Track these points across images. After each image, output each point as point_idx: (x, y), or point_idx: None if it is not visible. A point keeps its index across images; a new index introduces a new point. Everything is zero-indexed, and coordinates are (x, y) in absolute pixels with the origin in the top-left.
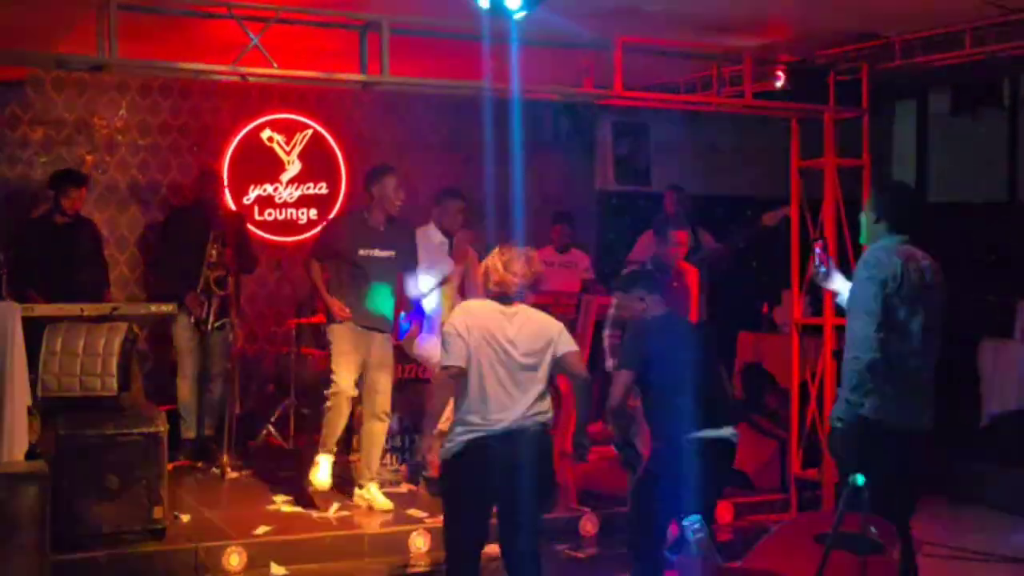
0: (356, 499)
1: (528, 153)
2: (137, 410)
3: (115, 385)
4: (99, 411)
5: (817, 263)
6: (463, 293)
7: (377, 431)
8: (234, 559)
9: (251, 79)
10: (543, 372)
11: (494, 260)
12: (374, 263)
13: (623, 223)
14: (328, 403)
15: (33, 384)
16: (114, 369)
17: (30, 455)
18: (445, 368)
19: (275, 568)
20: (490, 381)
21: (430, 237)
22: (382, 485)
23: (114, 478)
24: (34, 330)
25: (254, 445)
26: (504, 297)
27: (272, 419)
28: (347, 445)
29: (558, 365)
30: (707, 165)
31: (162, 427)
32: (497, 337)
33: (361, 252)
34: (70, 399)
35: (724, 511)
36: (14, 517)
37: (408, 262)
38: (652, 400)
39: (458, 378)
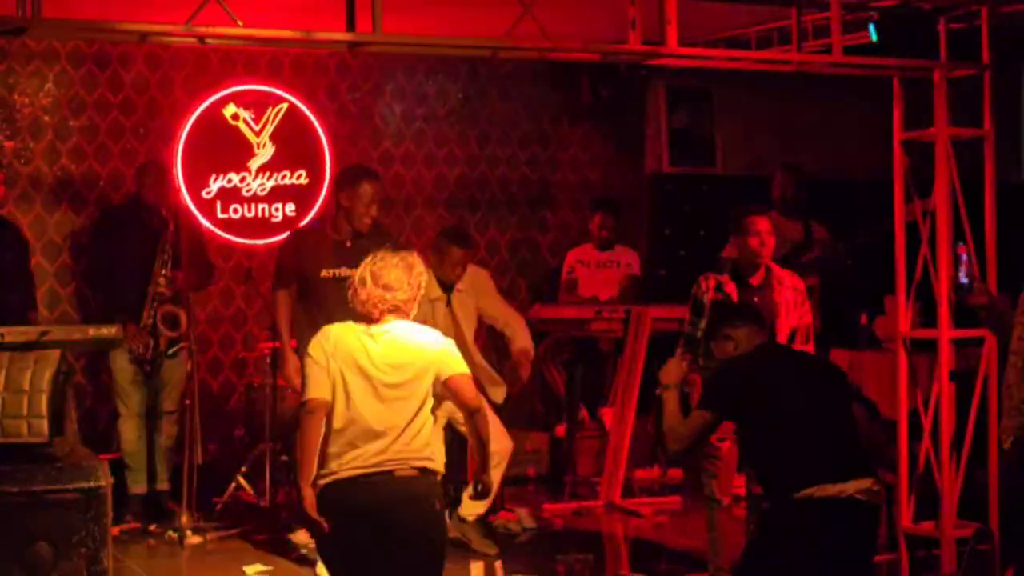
0: None
1: (561, 128)
2: (73, 460)
3: (45, 429)
4: (25, 462)
5: (961, 274)
6: None
7: None
8: None
9: (210, 41)
10: (417, 403)
11: (363, 271)
12: (341, 286)
13: (681, 214)
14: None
15: None
16: (44, 409)
17: None
18: (305, 403)
19: None
20: (355, 414)
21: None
22: None
23: (45, 546)
24: None
25: (220, 502)
26: (370, 317)
27: (242, 469)
28: None
29: (448, 392)
30: (787, 140)
31: (105, 481)
32: (360, 362)
33: (323, 273)
34: None
35: None
36: None
37: None
38: (755, 448)
39: (322, 412)
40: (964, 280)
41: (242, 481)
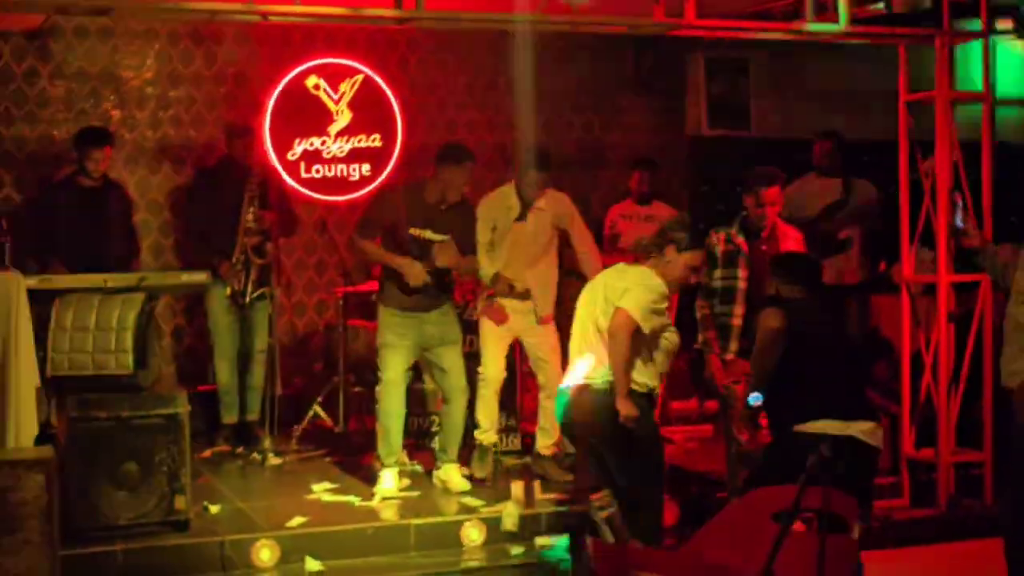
0: (434, 480)
1: (611, 97)
2: (156, 390)
3: (130, 362)
4: (113, 391)
5: (957, 218)
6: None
7: (455, 410)
8: (265, 553)
9: (273, 19)
10: (592, 330)
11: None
12: (419, 245)
13: (718, 173)
14: (378, 402)
15: (41, 362)
16: (129, 345)
17: (40, 440)
18: None
19: (310, 563)
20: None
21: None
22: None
23: (131, 465)
24: (47, 303)
25: (299, 428)
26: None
27: (319, 399)
28: (420, 433)
29: None
30: (814, 105)
31: (182, 408)
32: None
33: (412, 231)
34: (81, 378)
35: None
36: (19, 507)
37: (463, 247)
38: (780, 382)
39: None
40: (960, 224)
41: (319, 410)
